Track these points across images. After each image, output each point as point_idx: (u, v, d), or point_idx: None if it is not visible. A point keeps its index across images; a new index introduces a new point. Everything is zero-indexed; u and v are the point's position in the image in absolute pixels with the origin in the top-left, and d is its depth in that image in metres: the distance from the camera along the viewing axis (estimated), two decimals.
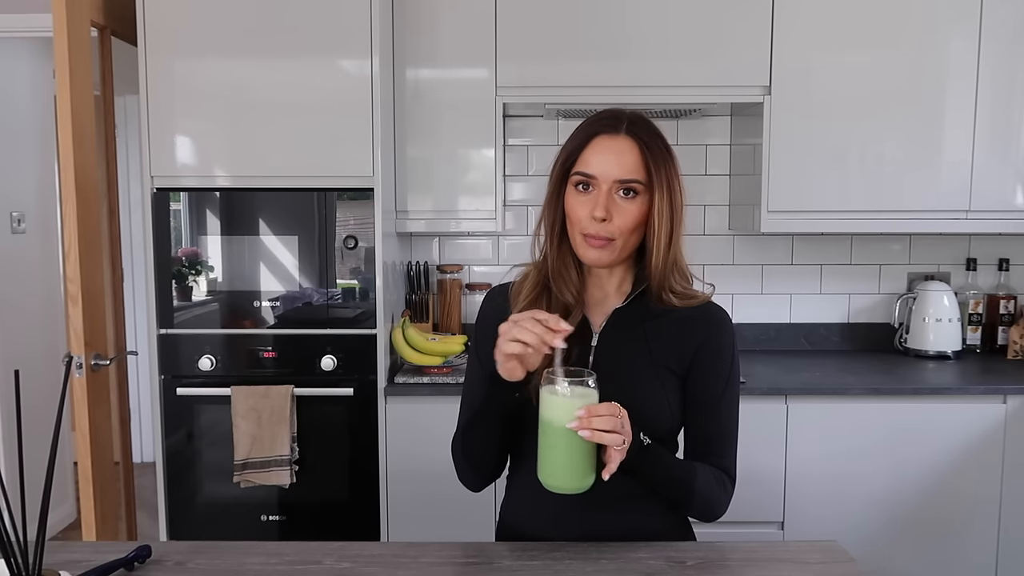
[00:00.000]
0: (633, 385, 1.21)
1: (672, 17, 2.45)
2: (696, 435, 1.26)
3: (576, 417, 1.05)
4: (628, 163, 1.16)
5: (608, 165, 1.16)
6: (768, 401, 2.31)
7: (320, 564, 1.17)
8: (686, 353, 1.23)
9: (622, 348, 1.24)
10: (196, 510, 2.34)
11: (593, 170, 1.16)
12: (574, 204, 1.18)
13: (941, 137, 2.48)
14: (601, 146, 1.17)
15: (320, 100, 2.24)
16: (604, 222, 1.15)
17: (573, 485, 1.10)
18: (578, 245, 1.20)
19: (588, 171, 1.17)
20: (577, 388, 1.08)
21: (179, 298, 2.29)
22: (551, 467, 1.10)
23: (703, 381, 1.24)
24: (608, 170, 1.16)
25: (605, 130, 1.17)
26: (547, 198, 1.23)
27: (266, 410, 2.25)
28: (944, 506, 2.33)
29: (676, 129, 2.81)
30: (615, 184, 1.16)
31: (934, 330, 2.69)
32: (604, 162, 1.16)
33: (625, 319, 1.25)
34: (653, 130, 1.20)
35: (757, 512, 2.32)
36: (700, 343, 1.23)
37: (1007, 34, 2.44)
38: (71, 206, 2.00)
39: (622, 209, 1.16)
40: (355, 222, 2.29)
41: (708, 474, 1.22)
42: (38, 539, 0.98)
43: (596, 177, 1.16)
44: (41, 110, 3.43)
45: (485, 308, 1.34)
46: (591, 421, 1.04)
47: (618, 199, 1.16)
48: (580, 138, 1.19)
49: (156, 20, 2.22)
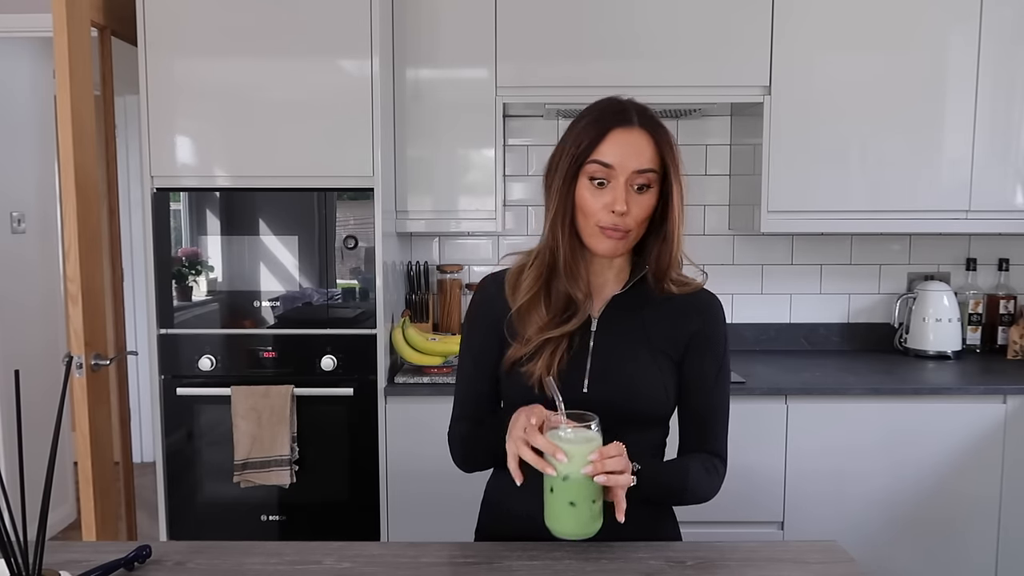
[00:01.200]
0: (632, 369, 1.24)
1: (672, 17, 2.45)
2: (690, 417, 1.28)
3: (589, 462, 1.05)
4: (645, 155, 1.18)
5: (626, 158, 1.17)
6: (768, 401, 2.31)
7: (320, 564, 1.17)
8: (681, 338, 1.26)
9: (620, 333, 1.26)
10: (196, 510, 2.34)
11: (613, 161, 1.17)
12: (588, 197, 1.19)
13: (941, 137, 2.48)
14: (619, 139, 1.17)
15: (320, 100, 2.24)
16: (625, 215, 1.17)
17: (588, 531, 1.10)
18: (591, 236, 1.21)
19: (608, 162, 1.17)
20: (582, 434, 1.08)
21: (179, 298, 2.29)
22: (564, 516, 1.09)
23: (699, 365, 1.26)
24: (627, 162, 1.17)
25: (620, 123, 1.18)
26: (555, 191, 1.21)
27: (266, 410, 2.25)
28: (944, 506, 2.33)
29: (676, 129, 2.81)
30: (632, 176, 1.17)
31: (934, 330, 2.69)
32: (622, 155, 1.17)
33: (623, 305, 1.27)
34: (658, 121, 1.22)
35: (757, 512, 2.32)
36: (696, 329, 1.26)
37: (1007, 34, 2.44)
38: (71, 206, 2.00)
39: (637, 201, 1.18)
40: (355, 222, 2.29)
41: (699, 466, 1.24)
42: (38, 539, 0.97)
43: (615, 168, 1.17)
44: (41, 110, 3.43)
45: (478, 298, 1.34)
46: (604, 464, 1.05)
47: (633, 192, 1.18)
48: (595, 131, 1.19)
49: (156, 20, 2.22)
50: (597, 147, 1.18)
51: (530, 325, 1.24)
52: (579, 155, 1.19)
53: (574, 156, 1.19)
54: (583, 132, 1.20)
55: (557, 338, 1.22)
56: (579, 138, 1.20)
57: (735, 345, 2.86)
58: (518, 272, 1.28)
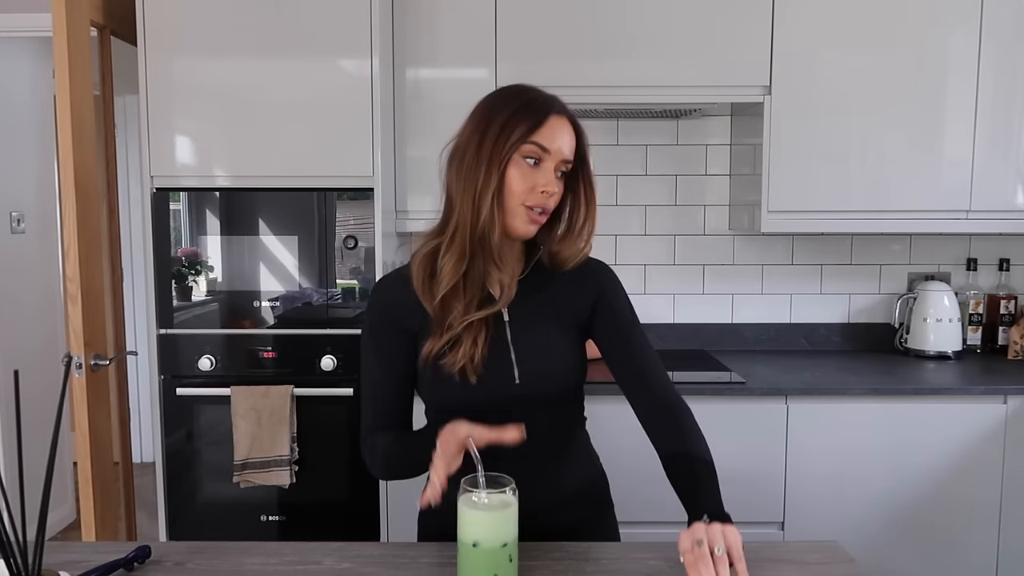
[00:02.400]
0: (554, 352, 1.27)
1: (672, 17, 2.44)
2: (630, 371, 1.30)
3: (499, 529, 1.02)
4: (570, 143, 1.22)
5: (562, 144, 1.21)
6: (768, 401, 2.31)
7: (320, 564, 1.17)
8: (585, 306, 1.30)
9: (533, 317, 1.27)
10: (196, 510, 2.34)
11: (550, 145, 1.19)
12: (518, 177, 1.19)
13: (942, 137, 2.48)
14: (556, 125, 1.21)
15: (320, 100, 2.24)
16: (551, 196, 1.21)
17: None
18: (513, 216, 1.21)
19: (546, 146, 1.19)
20: (496, 497, 1.03)
21: (179, 298, 2.29)
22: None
23: (615, 322, 1.30)
24: (562, 148, 1.21)
25: (555, 111, 1.22)
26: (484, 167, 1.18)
27: (266, 410, 2.25)
28: (944, 506, 2.33)
29: (676, 129, 2.81)
30: (559, 163, 1.21)
31: (934, 330, 2.69)
32: (559, 140, 1.20)
33: (528, 287, 1.28)
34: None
35: (757, 512, 2.32)
36: (598, 293, 1.31)
37: (1008, 33, 2.44)
38: (71, 206, 2.00)
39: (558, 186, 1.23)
40: (355, 222, 2.29)
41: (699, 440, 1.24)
42: (38, 539, 0.97)
43: (550, 152, 1.20)
44: (41, 110, 3.43)
45: (378, 300, 1.30)
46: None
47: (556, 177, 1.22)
48: (534, 115, 1.20)
49: (156, 20, 2.22)
50: (537, 130, 1.19)
51: (450, 311, 1.21)
52: (518, 136, 1.18)
53: (510, 136, 1.18)
54: (519, 114, 1.20)
55: (478, 324, 1.21)
56: (515, 119, 1.19)
57: (735, 345, 2.86)
58: (430, 258, 1.24)
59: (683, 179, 2.85)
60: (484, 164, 1.19)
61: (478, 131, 1.21)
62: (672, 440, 1.24)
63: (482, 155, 1.19)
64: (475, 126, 1.22)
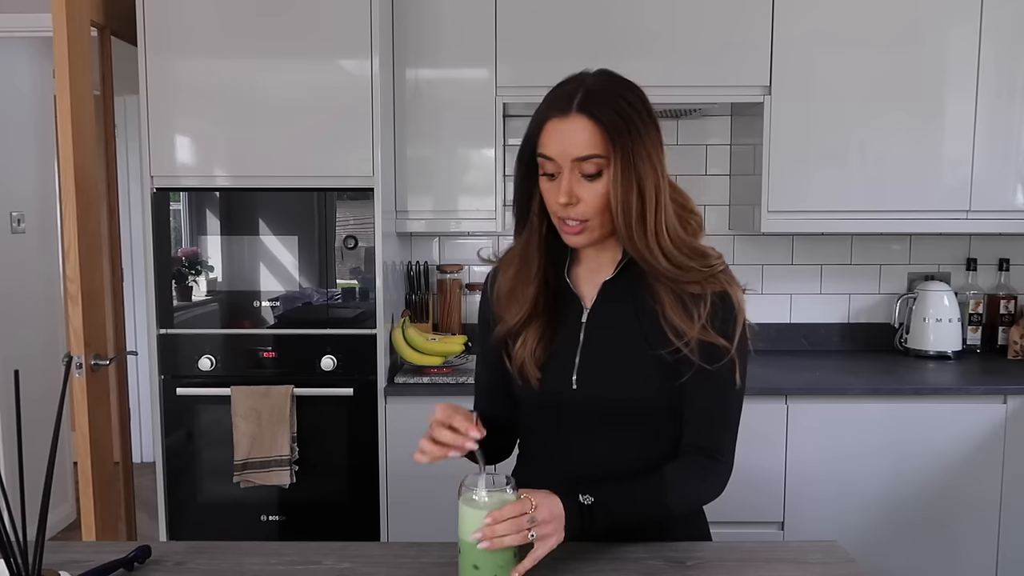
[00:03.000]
0: (622, 365, 1.18)
1: (672, 17, 2.44)
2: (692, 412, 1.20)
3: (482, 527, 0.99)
4: (582, 140, 1.10)
5: (565, 146, 1.10)
6: (768, 401, 2.31)
7: (320, 564, 1.17)
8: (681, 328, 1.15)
9: (612, 325, 1.19)
10: (196, 510, 2.34)
11: (552, 152, 1.12)
12: (545, 191, 1.17)
13: (941, 137, 2.48)
14: (555, 128, 1.12)
15: (320, 100, 2.24)
16: (571, 206, 1.12)
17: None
18: (559, 230, 1.18)
19: (548, 154, 1.12)
20: (495, 496, 1.03)
21: (179, 298, 2.29)
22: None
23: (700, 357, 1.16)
24: (567, 150, 1.10)
25: (555, 113, 1.12)
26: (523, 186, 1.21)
27: (266, 410, 2.25)
28: (944, 506, 2.33)
29: (676, 129, 2.81)
30: (576, 164, 1.10)
31: (934, 330, 2.68)
32: (560, 144, 1.11)
33: (616, 291, 1.21)
34: (608, 99, 1.11)
35: (757, 512, 2.32)
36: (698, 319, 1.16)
37: (1008, 33, 2.44)
38: (71, 206, 2.00)
39: (590, 189, 1.11)
40: (355, 222, 2.29)
41: (681, 475, 1.17)
42: (38, 539, 0.97)
43: (556, 159, 1.12)
44: (41, 110, 3.43)
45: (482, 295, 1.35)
46: (494, 530, 0.99)
47: (584, 180, 1.11)
48: (534, 124, 1.15)
49: (156, 20, 2.22)
50: (538, 140, 1.14)
51: (512, 304, 1.22)
52: (529, 149, 1.17)
53: (524, 150, 1.18)
54: (529, 127, 1.17)
55: (539, 320, 1.20)
56: (527, 134, 1.17)
57: None
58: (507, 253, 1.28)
59: (683, 179, 2.78)
60: (522, 183, 1.21)
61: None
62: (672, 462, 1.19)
63: (520, 171, 1.21)
64: None
